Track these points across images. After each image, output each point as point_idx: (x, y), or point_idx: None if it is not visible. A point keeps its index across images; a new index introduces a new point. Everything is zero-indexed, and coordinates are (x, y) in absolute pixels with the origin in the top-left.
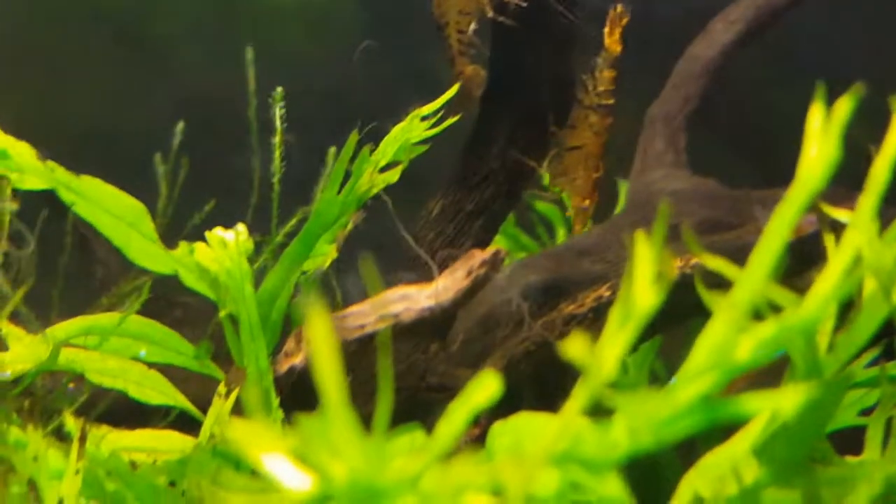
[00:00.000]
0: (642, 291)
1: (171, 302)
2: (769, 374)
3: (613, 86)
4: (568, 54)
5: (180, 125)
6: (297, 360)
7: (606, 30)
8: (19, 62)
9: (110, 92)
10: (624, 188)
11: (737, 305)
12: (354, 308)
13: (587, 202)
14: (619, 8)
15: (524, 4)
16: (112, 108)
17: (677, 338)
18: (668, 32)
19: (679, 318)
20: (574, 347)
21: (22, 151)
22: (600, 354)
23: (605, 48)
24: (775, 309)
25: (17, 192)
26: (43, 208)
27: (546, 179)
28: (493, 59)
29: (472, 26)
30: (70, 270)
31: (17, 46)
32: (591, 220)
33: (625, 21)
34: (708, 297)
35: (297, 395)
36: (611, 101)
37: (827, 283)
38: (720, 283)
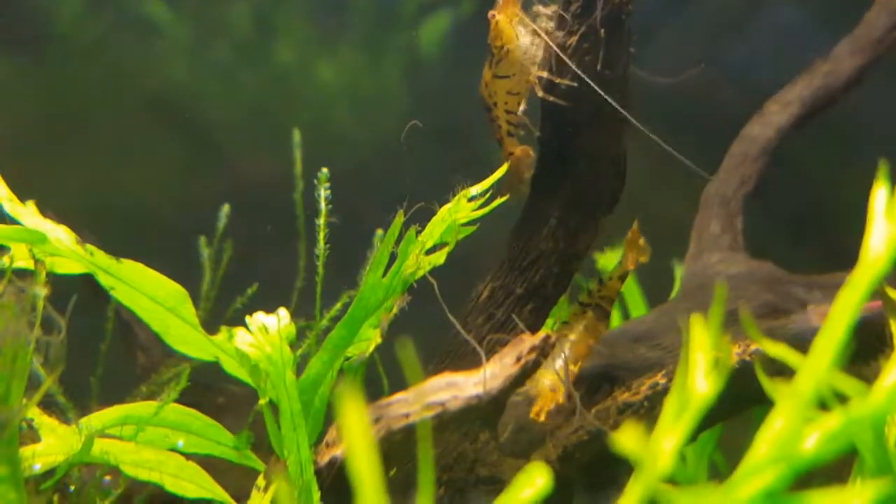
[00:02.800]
0: (699, 380)
1: (214, 388)
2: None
3: (616, 297)
4: (620, 135)
5: (226, 208)
6: (339, 451)
7: (626, 244)
8: (72, 143)
9: (159, 174)
10: (679, 271)
11: (801, 395)
12: (398, 396)
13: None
14: (636, 226)
15: (575, 85)
16: (160, 190)
17: (739, 426)
18: (723, 111)
19: (739, 406)
20: (627, 440)
21: (61, 235)
22: (655, 447)
23: (621, 262)
24: (841, 398)
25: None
26: (77, 293)
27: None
28: (543, 140)
29: (522, 106)
30: (112, 356)
31: (70, 127)
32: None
33: (643, 241)
34: (770, 385)
35: (339, 487)
36: (610, 310)
37: None
38: (781, 371)
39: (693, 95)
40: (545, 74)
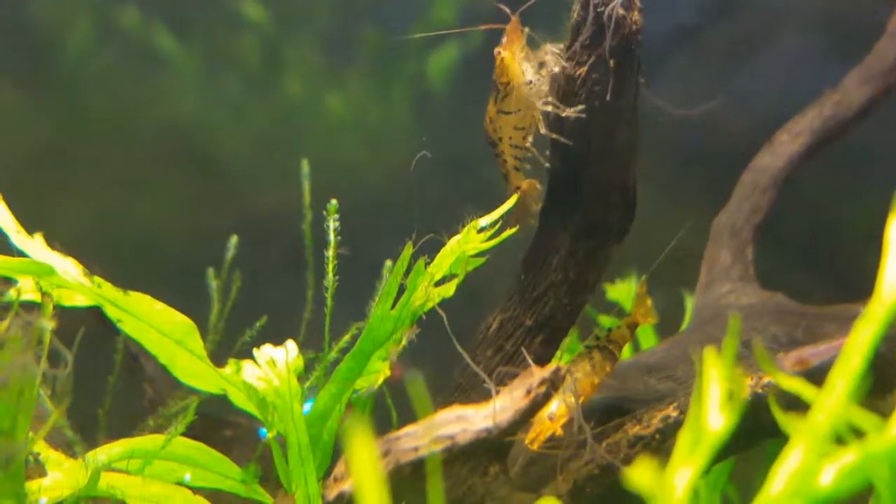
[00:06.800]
0: (714, 414)
1: (221, 421)
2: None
3: (625, 344)
4: (630, 165)
5: (233, 239)
6: (347, 486)
7: (636, 298)
8: (80, 174)
9: (168, 205)
10: (689, 301)
11: (816, 430)
12: (407, 429)
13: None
14: (644, 284)
15: (584, 116)
16: (168, 221)
17: (751, 459)
18: (732, 142)
19: (752, 439)
20: (639, 474)
21: (68, 267)
22: (668, 482)
23: (631, 313)
24: (857, 433)
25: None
26: (85, 326)
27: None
28: (552, 171)
29: (529, 139)
30: (119, 389)
31: (78, 159)
32: None
33: (650, 302)
34: (784, 419)
35: None
36: (618, 354)
37: None
38: (795, 403)
39: (702, 126)
40: (551, 109)
